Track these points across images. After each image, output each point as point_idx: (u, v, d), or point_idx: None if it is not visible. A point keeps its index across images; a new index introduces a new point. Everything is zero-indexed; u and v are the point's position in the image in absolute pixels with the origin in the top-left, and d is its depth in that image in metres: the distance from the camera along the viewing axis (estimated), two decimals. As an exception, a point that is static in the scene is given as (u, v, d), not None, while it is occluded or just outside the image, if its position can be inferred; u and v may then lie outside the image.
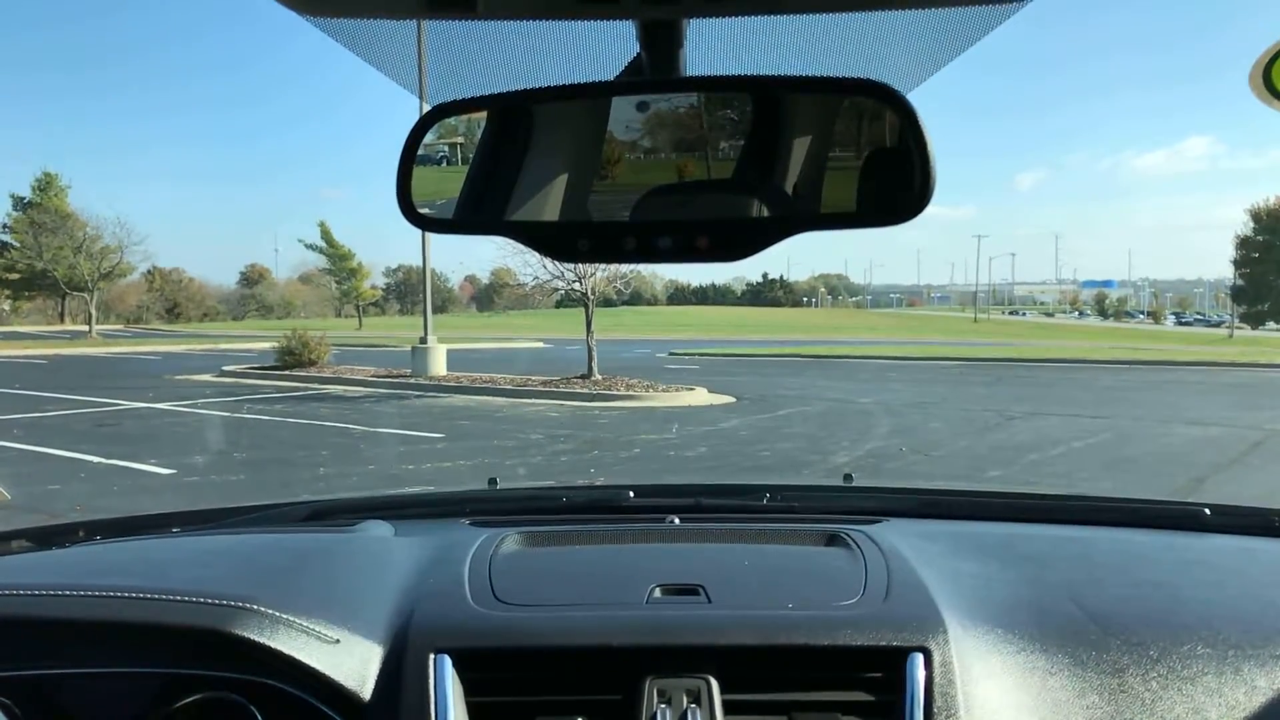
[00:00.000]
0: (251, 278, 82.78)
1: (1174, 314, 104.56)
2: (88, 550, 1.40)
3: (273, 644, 1.02)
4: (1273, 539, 1.46)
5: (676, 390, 16.09)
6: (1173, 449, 10.54)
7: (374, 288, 62.43)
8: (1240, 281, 53.82)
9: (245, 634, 1.02)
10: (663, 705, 0.98)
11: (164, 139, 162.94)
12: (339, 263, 52.88)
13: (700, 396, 15.72)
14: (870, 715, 0.98)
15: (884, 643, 1.01)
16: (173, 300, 67.50)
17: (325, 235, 51.84)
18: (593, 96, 0.86)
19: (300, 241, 64.23)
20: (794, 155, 0.85)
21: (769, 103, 0.86)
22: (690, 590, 1.15)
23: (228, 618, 1.03)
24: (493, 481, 1.86)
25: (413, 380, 17.64)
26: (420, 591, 1.17)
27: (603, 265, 18.00)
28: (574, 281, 17.96)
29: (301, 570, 1.23)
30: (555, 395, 15.53)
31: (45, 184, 50.04)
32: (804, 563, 1.32)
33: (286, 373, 19.08)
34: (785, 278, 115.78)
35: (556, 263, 17.79)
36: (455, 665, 1.01)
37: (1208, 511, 1.51)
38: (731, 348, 32.82)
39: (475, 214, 0.88)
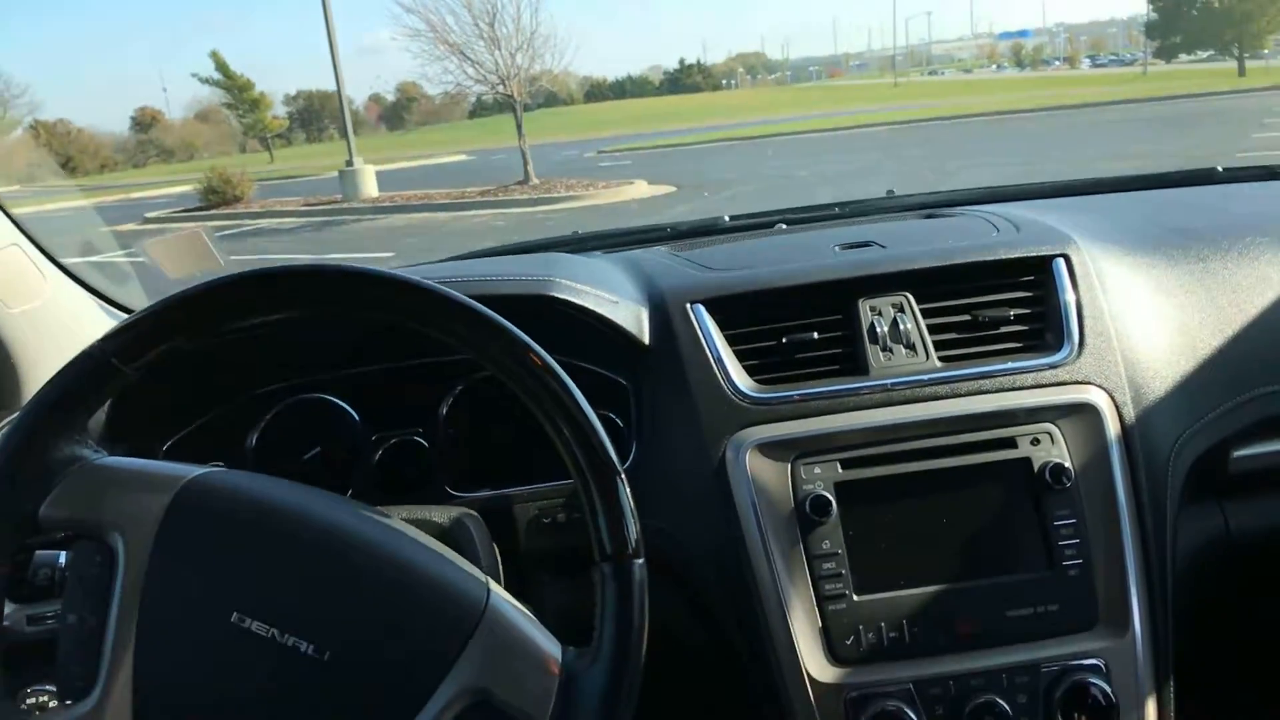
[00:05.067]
0: (143, 121, 77.69)
1: (1089, 57, 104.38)
2: None
3: (579, 301, 1.24)
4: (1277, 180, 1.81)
5: (617, 185, 16.04)
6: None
7: (277, 118, 59.33)
8: (1154, 14, 53.70)
9: (562, 295, 1.24)
10: (876, 317, 1.23)
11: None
12: (239, 94, 49.87)
13: (641, 189, 15.73)
14: (1032, 305, 1.26)
15: (1034, 253, 1.28)
16: (64, 155, 63.43)
17: (220, 66, 48.41)
18: None
19: (195, 76, 60.10)
20: None
21: None
22: (868, 244, 1.39)
23: (547, 286, 1.25)
24: (575, 233, 1.99)
25: (345, 205, 17.26)
26: (651, 271, 1.38)
27: (526, 64, 17.43)
28: (498, 84, 17.41)
29: (555, 264, 1.43)
30: (496, 204, 15.40)
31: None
32: (939, 226, 1.55)
33: (213, 211, 18.48)
34: (702, 61, 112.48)
35: (477, 66, 17.19)
36: (709, 310, 1.25)
37: (1220, 169, 1.85)
38: (659, 139, 32.29)
39: None
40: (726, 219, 1.83)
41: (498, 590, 0.83)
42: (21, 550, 0.82)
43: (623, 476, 0.82)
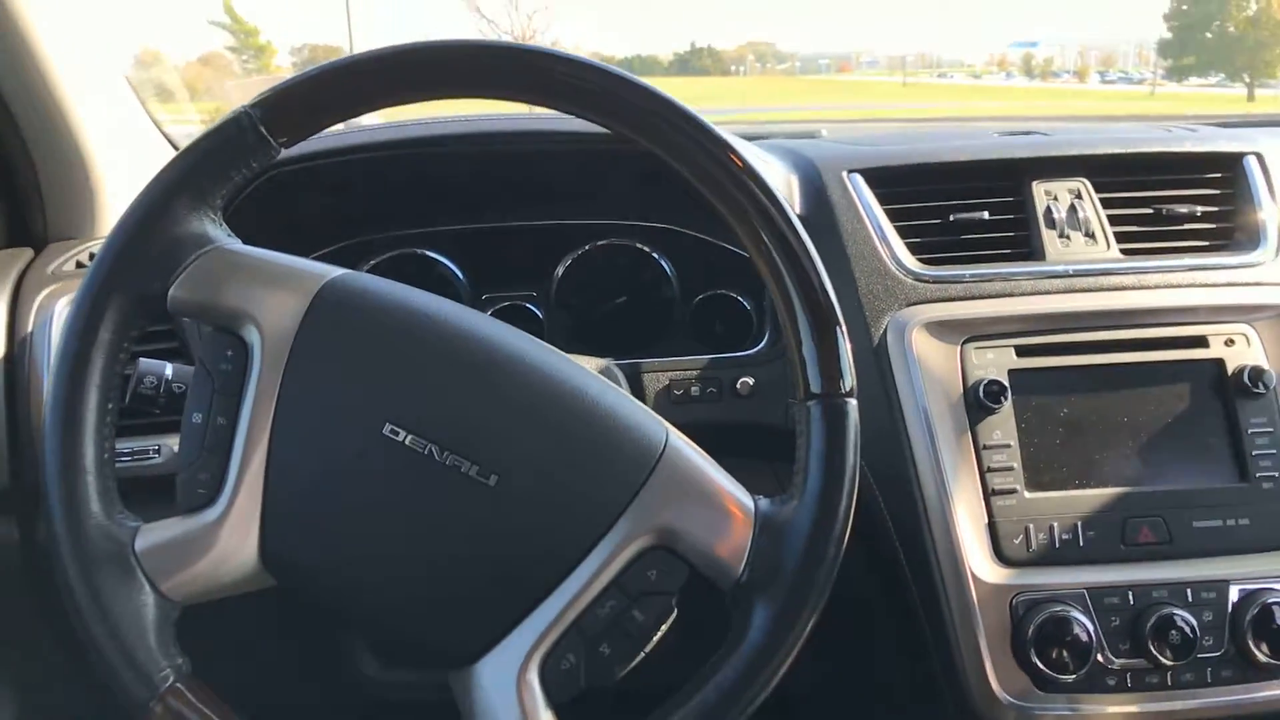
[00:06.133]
0: (144, 61, 76.78)
1: (1098, 73, 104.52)
2: None
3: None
4: None
5: (626, 155, 15.86)
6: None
7: (280, 67, 58.64)
8: (1168, 35, 53.68)
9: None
10: (1051, 201, 1.14)
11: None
12: (244, 39, 49.27)
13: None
14: (1219, 203, 1.17)
15: (1223, 149, 1.19)
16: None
17: (229, 10, 47.93)
18: None
19: (209, 21, 59.58)
20: None
21: None
22: (1030, 133, 1.29)
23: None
24: None
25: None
26: (794, 146, 1.27)
27: (541, 29, 17.17)
28: (513, 45, 17.17)
29: None
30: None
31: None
32: (1105, 126, 1.47)
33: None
34: (713, 46, 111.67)
35: (493, 24, 16.92)
36: (866, 181, 1.15)
37: None
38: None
39: None
40: (824, 131, 1.71)
41: (676, 432, 0.72)
42: (140, 339, 0.70)
43: (844, 328, 0.71)
